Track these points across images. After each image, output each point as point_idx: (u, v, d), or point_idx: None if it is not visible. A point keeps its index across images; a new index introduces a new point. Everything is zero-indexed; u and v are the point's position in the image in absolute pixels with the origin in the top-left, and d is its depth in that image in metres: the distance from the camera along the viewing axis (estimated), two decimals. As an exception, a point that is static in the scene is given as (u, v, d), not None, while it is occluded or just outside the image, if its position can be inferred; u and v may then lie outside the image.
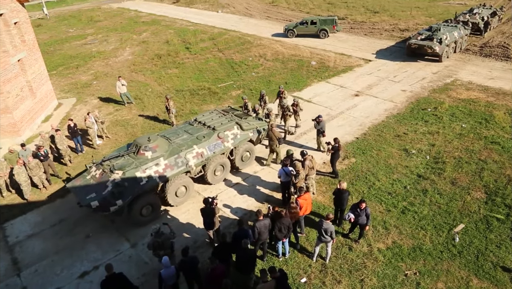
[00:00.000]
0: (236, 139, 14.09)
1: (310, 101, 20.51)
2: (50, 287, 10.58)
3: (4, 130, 17.89)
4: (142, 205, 12.06)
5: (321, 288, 9.86)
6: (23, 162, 14.04)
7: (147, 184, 11.97)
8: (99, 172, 12.32)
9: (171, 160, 12.54)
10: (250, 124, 14.63)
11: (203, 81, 24.36)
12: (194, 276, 9.41)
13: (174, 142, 13.23)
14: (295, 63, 26.35)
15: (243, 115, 15.34)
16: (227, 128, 14.01)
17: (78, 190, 12.19)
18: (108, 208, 11.41)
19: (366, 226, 10.75)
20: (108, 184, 11.65)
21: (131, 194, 11.64)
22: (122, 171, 11.77)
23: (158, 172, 12.22)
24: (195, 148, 13.07)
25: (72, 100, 23.03)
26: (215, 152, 13.52)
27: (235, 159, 14.34)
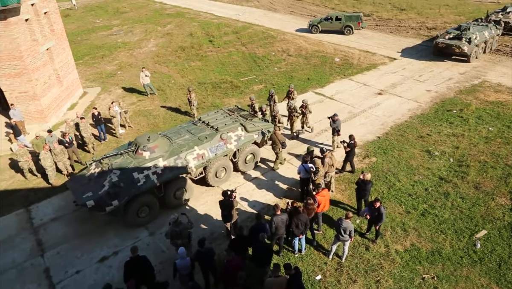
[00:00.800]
0: (239, 141, 13.68)
1: (332, 98, 20.32)
2: (71, 270, 10.91)
3: (32, 117, 18.41)
4: (138, 206, 11.82)
5: (336, 287, 9.82)
6: (49, 147, 14.45)
7: (144, 185, 11.69)
8: (97, 170, 12.13)
9: (170, 160, 12.23)
10: (255, 126, 14.12)
11: (225, 75, 24.44)
12: (210, 267, 9.52)
13: (175, 142, 12.89)
14: (318, 59, 26.13)
15: (248, 116, 14.81)
16: (230, 130, 13.56)
17: (75, 188, 12.01)
18: (103, 208, 11.25)
19: (377, 225, 10.65)
20: (105, 184, 11.45)
21: (127, 195, 11.41)
22: (120, 171, 11.58)
23: (156, 173, 11.94)
24: (196, 149, 12.72)
25: (97, 89, 23.48)
26: (217, 153, 13.14)
27: (238, 161, 13.99)
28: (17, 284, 10.60)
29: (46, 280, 10.69)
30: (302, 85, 21.99)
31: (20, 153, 14.65)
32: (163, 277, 9.78)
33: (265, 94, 20.92)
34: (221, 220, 11.43)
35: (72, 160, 15.36)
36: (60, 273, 10.84)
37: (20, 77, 17.46)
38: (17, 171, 15.71)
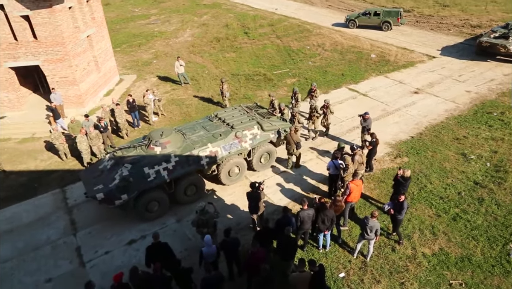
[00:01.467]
0: (255, 140, 13.35)
1: (366, 95, 19.94)
2: (101, 250, 11.34)
3: (71, 101, 19.12)
4: (148, 201, 11.83)
5: (359, 285, 9.72)
6: (85, 131, 14.99)
7: (155, 181, 11.65)
8: (111, 162, 12.16)
9: (182, 157, 12.06)
10: (272, 124, 13.73)
11: (259, 67, 24.43)
12: (235, 257, 9.65)
13: (189, 138, 12.73)
14: (354, 55, 25.65)
15: (266, 114, 14.43)
16: (246, 128, 13.22)
17: (87, 179, 12.08)
18: (113, 201, 11.34)
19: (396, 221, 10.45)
20: (116, 177, 11.47)
21: (137, 189, 11.44)
22: (131, 165, 11.57)
23: (167, 168, 11.84)
24: (209, 146, 12.46)
25: (132, 77, 24.07)
26: (231, 151, 12.85)
27: (252, 160, 13.71)
28: (51, 260, 11.14)
29: (78, 258, 11.17)
30: (336, 81, 21.69)
31: (54, 135, 15.30)
32: (188, 263, 9.98)
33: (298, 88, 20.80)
34: (247, 211, 11.53)
35: (106, 145, 15.87)
36: (90, 252, 11.30)
37: (62, 62, 18.15)
38: (54, 152, 16.41)
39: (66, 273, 10.72)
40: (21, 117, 19.25)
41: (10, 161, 16.26)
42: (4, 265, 11.12)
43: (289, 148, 13.78)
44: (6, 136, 18.08)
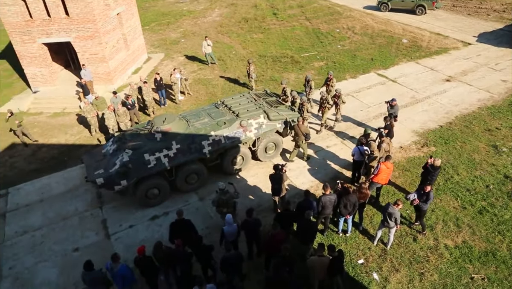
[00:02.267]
0: (260, 130, 12.94)
1: (395, 81, 19.44)
2: (125, 224, 11.71)
3: (100, 78, 19.50)
4: (148, 187, 11.76)
5: (377, 273, 9.70)
6: (113, 108, 15.31)
7: (155, 168, 11.51)
8: (114, 147, 12.07)
9: (184, 144, 11.85)
10: (280, 114, 13.24)
11: (286, 49, 24.14)
12: (255, 237, 9.78)
13: (192, 125, 12.40)
14: (385, 39, 24.93)
15: (274, 103, 13.90)
16: (252, 117, 12.82)
17: (90, 163, 12.01)
18: (112, 187, 11.31)
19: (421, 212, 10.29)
20: (117, 162, 11.39)
21: (136, 176, 11.35)
22: (132, 151, 11.44)
23: (168, 156, 11.67)
24: (212, 134, 12.20)
25: (160, 55, 24.25)
26: (234, 140, 12.60)
27: (257, 150, 13.34)
28: (78, 230, 11.61)
29: (103, 230, 11.59)
30: (365, 66, 21.22)
31: (86, 109, 15.71)
32: (208, 241, 10.18)
33: (325, 72, 20.50)
34: (269, 193, 11.61)
35: (133, 122, 16.18)
36: (115, 225, 11.69)
37: (92, 39, 18.45)
38: (84, 127, 16.89)
39: (92, 244, 11.16)
40: (52, 92, 19.83)
41: (42, 134, 16.86)
42: (35, 232, 11.67)
43: (297, 139, 13.27)
44: (39, 111, 18.71)
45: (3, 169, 14.50)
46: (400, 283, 9.43)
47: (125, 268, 8.57)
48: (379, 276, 9.60)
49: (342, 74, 20.30)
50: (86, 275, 8.36)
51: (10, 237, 11.55)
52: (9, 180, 14.04)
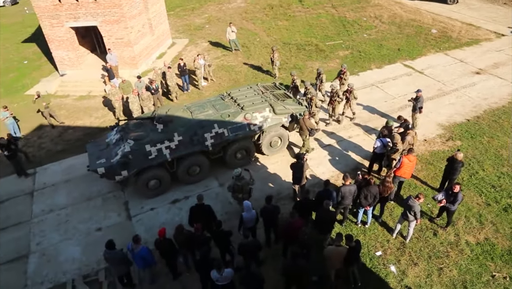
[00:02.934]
0: (265, 123, 12.63)
1: (422, 72, 18.95)
2: (147, 206, 11.98)
3: (125, 62, 19.77)
4: (149, 178, 11.75)
5: (395, 265, 9.64)
6: (137, 92, 15.53)
7: (156, 159, 11.45)
8: (117, 136, 12.06)
9: (186, 136, 11.69)
10: (286, 108, 12.89)
11: (311, 37, 23.82)
12: (273, 224, 9.84)
13: (196, 117, 12.21)
14: (413, 29, 24.26)
15: (282, 96, 13.52)
16: (257, 110, 12.52)
17: (93, 152, 12.03)
18: (113, 177, 11.34)
19: (449, 212, 10.07)
20: (118, 152, 11.40)
21: (137, 167, 11.34)
22: (133, 142, 11.37)
23: (170, 147, 11.55)
24: (215, 126, 11.98)
25: (184, 41, 24.35)
26: (238, 134, 12.31)
27: (261, 144, 13.07)
28: (101, 211, 11.95)
29: (125, 211, 11.89)
30: (391, 56, 20.75)
31: (112, 92, 16.02)
32: (227, 227, 10.29)
33: (350, 61, 20.20)
34: (289, 182, 11.63)
35: (156, 106, 16.38)
36: (137, 207, 11.97)
37: (118, 24, 18.67)
38: (109, 110, 17.23)
39: (114, 225, 11.48)
40: (79, 75, 20.26)
41: (68, 116, 17.31)
42: (60, 211, 12.08)
43: (301, 134, 13.00)
44: (66, 93, 19.17)
45: (31, 149, 14.98)
46: (418, 277, 9.35)
47: (146, 250, 8.79)
48: (396, 269, 9.54)
49: (367, 64, 19.94)
50: (108, 253, 8.63)
51: (37, 215, 12.00)
52: (37, 159, 14.53)
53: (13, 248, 10.99)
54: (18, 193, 12.98)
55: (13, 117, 15.71)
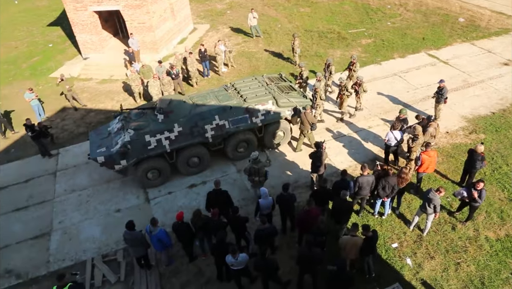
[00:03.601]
0: (268, 116, 12.38)
1: (446, 62, 18.45)
2: (164, 190, 12.18)
3: (146, 47, 19.90)
4: (148, 169, 11.75)
5: (411, 258, 9.56)
6: (158, 77, 15.65)
7: (155, 150, 11.41)
8: (118, 125, 12.00)
9: (186, 128, 11.56)
10: (290, 101, 12.58)
11: (333, 24, 23.43)
12: (289, 211, 9.88)
13: (198, 108, 11.96)
14: (439, 18, 23.55)
15: (286, 88, 13.20)
16: (260, 102, 12.26)
17: (94, 140, 12.01)
18: (112, 166, 11.36)
19: (476, 206, 9.85)
20: (119, 141, 11.38)
21: (136, 157, 11.31)
22: (134, 131, 11.28)
23: (169, 138, 11.47)
24: (216, 118, 11.80)
25: (206, 26, 24.30)
26: (239, 126, 12.13)
27: (263, 137, 12.87)
28: (121, 193, 12.21)
29: (143, 194, 12.12)
30: (415, 45, 20.23)
31: (132, 77, 16.19)
32: (244, 213, 10.41)
33: (372, 50, 19.82)
34: (306, 170, 11.63)
35: (176, 91, 16.50)
36: (155, 191, 12.17)
37: (140, 8, 18.75)
38: (129, 94, 17.44)
39: (133, 207, 11.73)
40: (101, 59, 20.52)
41: (90, 99, 17.61)
42: (81, 192, 12.41)
43: (302, 128, 12.64)
44: (88, 77, 19.48)
45: (55, 131, 15.34)
46: (434, 270, 9.26)
47: (163, 232, 8.97)
48: (412, 262, 9.47)
49: (390, 53, 19.52)
50: (127, 234, 8.83)
51: (59, 194, 12.36)
52: (60, 141, 14.90)
53: (37, 226, 11.38)
54: (42, 173, 13.37)
55: (38, 99, 16.11)
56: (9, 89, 19.17)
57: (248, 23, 21.76)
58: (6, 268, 10.23)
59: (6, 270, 10.18)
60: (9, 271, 10.14)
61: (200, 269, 9.69)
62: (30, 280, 9.86)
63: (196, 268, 9.72)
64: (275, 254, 9.55)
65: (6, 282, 9.88)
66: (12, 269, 10.20)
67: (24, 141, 15.01)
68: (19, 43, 24.47)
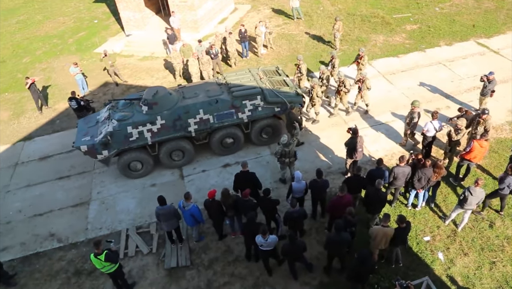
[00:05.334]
0: (255, 112, 11.95)
1: (497, 52, 17.42)
2: (199, 168, 12.47)
3: (187, 26, 20.06)
4: (130, 160, 11.73)
5: (443, 253, 9.34)
6: (197, 56, 15.80)
7: (137, 142, 11.36)
8: (106, 114, 11.96)
9: (169, 121, 11.39)
10: (279, 97, 12.01)
11: (378, 8, 22.60)
12: (321, 197, 9.87)
13: (184, 101, 11.74)
14: (493, 3, 22.13)
15: (279, 83, 12.73)
16: (247, 97, 11.87)
17: (82, 128, 12.05)
18: (95, 155, 11.38)
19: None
20: (102, 131, 11.34)
21: (117, 148, 11.30)
22: (117, 122, 11.22)
23: (151, 131, 11.36)
24: (200, 112, 11.53)
25: (247, 6, 24.11)
26: (224, 121, 11.84)
27: (250, 133, 12.48)
28: (156, 168, 12.55)
29: (178, 170, 12.45)
30: (464, 32, 19.20)
31: (173, 55, 16.45)
32: (275, 195, 10.50)
33: (417, 36, 19.04)
34: (340, 156, 11.59)
35: (214, 71, 16.62)
36: (189, 168, 12.47)
37: (183, -14, 18.84)
38: (169, 72, 17.74)
39: (168, 182, 12.08)
40: (143, 36, 20.90)
41: (131, 75, 18.08)
42: (120, 165, 12.88)
43: (289, 127, 12.11)
44: (130, 53, 19.95)
45: (96, 104, 15.90)
46: (467, 267, 9.02)
47: (196, 208, 9.23)
48: (444, 257, 9.25)
49: (436, 40, 18.66)
50: (159, 209, 9.13)
51: (99, 166, 12.87)
52: (101, 114, 15.44)
53: (77, 194, 12.00)
54: (84, 145, 13.97)
55: (82, 74, 16.72)
56: (57, 63, 19.99)
57: (290, 5, 21.39)
58: (49, 231, 10.92)
59: (50, 233, 10.87)
60: (52, 235, 10.82)
61: (229, 247, 9.92)
62: (69, 245, 10.47)
63: (225, 246, 9.96)
64: (303, 237, 9.60)
65: (49, 244, 10.55)
66: (54, 232, 10.87)
67: (68, 114, 15.70)
68: (66, 19, 25.32)
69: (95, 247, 8.06)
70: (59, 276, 9.71)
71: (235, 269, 9.42)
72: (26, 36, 23.45)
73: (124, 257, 9.95)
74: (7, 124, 15.86)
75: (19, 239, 10.78)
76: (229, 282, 9.17)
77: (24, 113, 16.33)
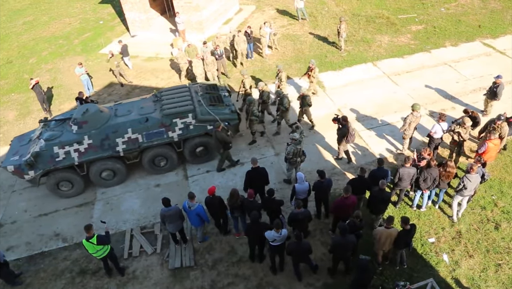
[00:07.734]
0: (186, 130, 11.66)
1: (503, 53, 17.29)
2: (203, 168, 12.50)
3: (192, 27, 20.11)
4: (58, 180, 11.42)
5: (448, 255, 9.28)
6: (202, 56, 15.83)
7: (63, 162, 11.05)
8: (38, 133, 11.75)
9: (96, 140, 11.13)
10: (211, 115, 11.71)
11: (383, 9, 22.53)
12: (324, 198, 9.85)
13: (115, 119, 11.46)
14: (499, 4, 21.97)
15: (213, 100, 12.44)
16: (178, 116, 11.53)
17: (14, 147, 11.84)
18: (22, 176, 11.14)
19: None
20: (30, 151, 11.10)
21: (43, 168, 11.00)
22: (44, 142, 10.98)
23: (78, 150, 11.08)
24: (128, 131, 11.26)
25: (251, 7, 24.13)
26: (153, 140, 11.54)
27: (184, 152, 12.19)
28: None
29: (183, 171, 12.48)
30: (470, 33, 19.07)
31: (180, 55, 16.50)
32: (279, 196, 10.50)
33: (423, 37, 18.96)
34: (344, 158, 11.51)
35: (219, 72, 16.64)
36: (193, 169, 12.50)
37: (188, -13, 18.90)
38: (174, 73, 17.79)
39: (172, 182, 12.12)
40: (148, 37, 20.98)
41: (136, 76, 18.16)
42: (124, 165, 12.92)
43: (217, 147, 11.67)
44: (135, 54, 20.00)
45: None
46: (472, 270, 8.96)
47: (201, 207, 9.28)
48: (449, 259, 9.20)
49: (442, 41, 18.57)
50: (164, 211, 9.12)
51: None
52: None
53: (82, 195, 12.04)
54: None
55: (87, 74, 16.81)
56: (62, 64, 20.12)
57: (294, 5, 21.38)
58: (54, 231, 10.99)
59: (55, 232, 10.94)
60: (57, 234, 10.89)
61: (233, 248, 9.93)
62: (74, 244, 10.53)
63: (229, 247, 9.97)
64: (307, 238, 9.59)
65: (54, 244, 10.61)
66: (59, 232, 10.94)
67: (74, 114, 15.77)
68: (72, 20, 25.48)
69: (86, 230, 8.35)
70: (64, 276, 9.77)
71: (239, 269, 9.43)
72: (32, 37, 23.63)
73: (128, 257, 9.99)
74: (13, 124, 15.99)
75: (24, 238, 10.87)
76: (233, 282, 9.18)
77: (30, 114, 16.46)
